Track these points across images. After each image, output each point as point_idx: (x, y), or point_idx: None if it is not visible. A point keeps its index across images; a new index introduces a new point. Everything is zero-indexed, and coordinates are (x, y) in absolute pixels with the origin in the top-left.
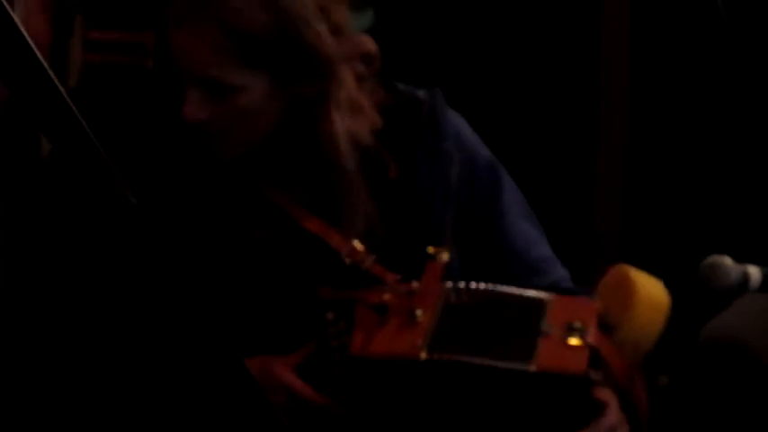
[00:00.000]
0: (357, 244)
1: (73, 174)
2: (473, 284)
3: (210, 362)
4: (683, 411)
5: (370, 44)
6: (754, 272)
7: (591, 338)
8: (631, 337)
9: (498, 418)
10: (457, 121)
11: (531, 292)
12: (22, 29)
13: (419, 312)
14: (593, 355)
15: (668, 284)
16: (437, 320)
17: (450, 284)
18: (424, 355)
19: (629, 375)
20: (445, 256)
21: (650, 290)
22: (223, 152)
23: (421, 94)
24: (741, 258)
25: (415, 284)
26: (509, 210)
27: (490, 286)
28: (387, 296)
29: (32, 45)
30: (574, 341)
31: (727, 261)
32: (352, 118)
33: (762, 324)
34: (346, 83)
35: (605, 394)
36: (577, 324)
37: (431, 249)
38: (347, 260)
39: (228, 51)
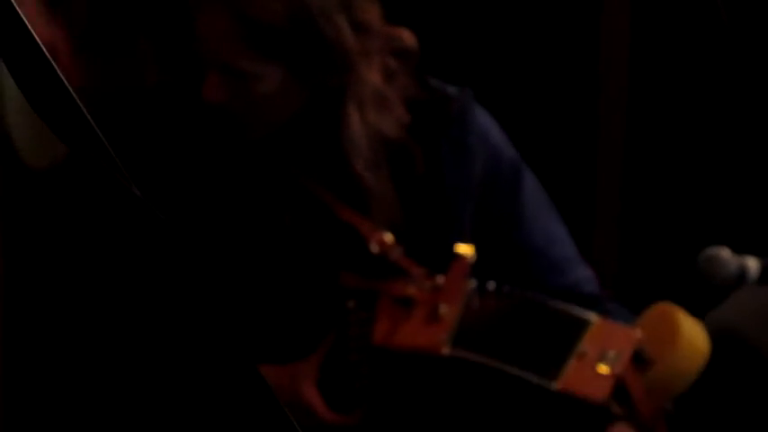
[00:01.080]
0: (387, 234)
1: (76, 168)
2: (506, 287)
3: (221, 365)
4: (681, 403)
5: (408, 39)
6: (752, 264)
7: (620, 369)
8: (666, 375)
9: (511, 426)
10: (485, 120)
11: (578, 310)
12: (27, 22)
13: (444, 308)
14: (620, 389)
15: (668, 276)
16: (461, 318)
17: (475, 283)
18: (446, 351)
19: (654, 415)
20: (472, 254)
21: (694, 332)
22: (245, 134)
23: (451, 90)
24: (740, 250)
25: (440, 279)
26: (530, 209)
27: (527, 292)
28: (411, 289)
29: (33, 32)
30: (603, 368)
31: (726, 253)
32: (378, 113)
33: (761, 316)
34: (368, 79)
35: (622, 429)
36: (612, 352)
37: (458, 248)
38: (375, 249)
39: (243, 40)
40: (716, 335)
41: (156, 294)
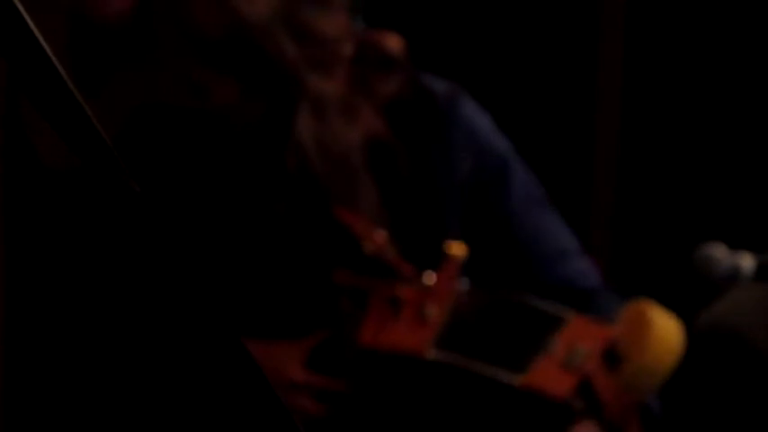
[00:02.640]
0: (380, 233)
1: (74, 165)
2: (487, 287)
3: (216, 355)
4: (678, 401)
5: (392, 45)
6: (747, 261)
7: (587, 366)
8: (636, 373)
9: (478, 426)
10: (474, 114)
11: (555, 307)
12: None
13: (431, 310)
14: (585, 384)
15: (662, 272)
16: (448, 320)
17: (465, 283)
18: (430, 354)
19: (622, 413)
20: (462, 253)
21: (667, 331)
22: (220, 129)
23: (439, 85)
24: (737, 245)
25: (429, 279)
26: (521, 202)
27: (507, 290)
28: (401, 290)
29: (33, 26)
30: (571, 366)
31: (720, 251)
32: (339, 119)
33: (756, 313)
34: (323, 87)
35: (586, 427)
36: (581, 349)
37: (448, 247)
38: (369, 249)
39: (193, 54)
40: (711, 332)
41: (153, 286)
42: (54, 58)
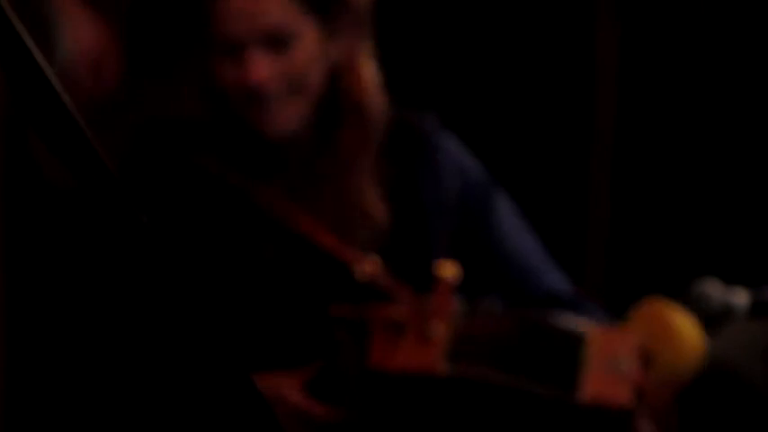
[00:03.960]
0: (373, 259)
1: (81, 191)
2: (487, 302)
3: (217, 380)
4: None
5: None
6: (740, 299)
7: (633, 371)
8: (670, 370)
9: None
10: (455, 146)
11: (571, 322)
12: (25, 36)
13: (435, 328)
14: (635, 389)
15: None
16: (454, 335)
17: (464, 301)
18: (442, 369)
19: (668, 408)
20: (455, 272)
21: (688, 325)
22: (276, 123)
23: (420, 119)
24: (735, 279)
25: (427, 300)
26: (505, 225)
27: (522, 309)
28: (400, 312)
29: (35, 53)
30: (618, 374)
31: (714, 288)
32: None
33: (751, 349)
34: (354, 88)
35: (646, 428)
36: (622, 358)
37: (441, 266)
38: (362, 276)
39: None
40: (706, 368)
41: (153, 301)
42: (54, 81)
